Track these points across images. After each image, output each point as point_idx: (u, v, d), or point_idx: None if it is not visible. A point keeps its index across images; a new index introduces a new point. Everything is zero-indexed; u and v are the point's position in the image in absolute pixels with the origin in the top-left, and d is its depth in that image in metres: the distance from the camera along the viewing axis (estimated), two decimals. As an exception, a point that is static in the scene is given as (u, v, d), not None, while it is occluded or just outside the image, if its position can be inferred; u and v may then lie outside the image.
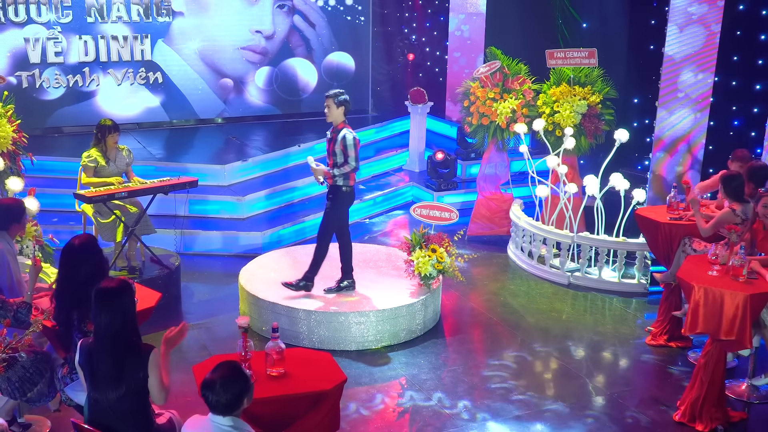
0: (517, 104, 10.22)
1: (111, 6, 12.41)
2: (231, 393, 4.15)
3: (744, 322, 6.26)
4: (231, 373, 4.20)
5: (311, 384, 4.96)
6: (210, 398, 4.16)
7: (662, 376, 7.56)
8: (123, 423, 4.61)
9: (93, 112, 12.51)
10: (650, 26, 11.35)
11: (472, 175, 12.22)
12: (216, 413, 4.18)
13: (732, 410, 6.77)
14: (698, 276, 6.52)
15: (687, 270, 6.68)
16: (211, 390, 4.15)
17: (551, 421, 6.71)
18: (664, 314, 8.11)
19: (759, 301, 6.29)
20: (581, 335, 8.27)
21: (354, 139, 7.73)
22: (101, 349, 4.58)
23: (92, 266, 5.35)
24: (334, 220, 7.99)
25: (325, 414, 4.93)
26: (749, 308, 6.23)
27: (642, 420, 6.77)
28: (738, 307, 6.23)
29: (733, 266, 6.48)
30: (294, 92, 13.90)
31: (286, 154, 11.73)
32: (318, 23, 13.91)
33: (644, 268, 9.18)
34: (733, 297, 6.24)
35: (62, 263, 5.39)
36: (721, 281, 6.44)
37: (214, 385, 4.16)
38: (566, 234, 9.41)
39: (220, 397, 4.14)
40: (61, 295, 5.34)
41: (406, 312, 7.94)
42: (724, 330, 6.29)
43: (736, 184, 7.29)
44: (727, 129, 10.51)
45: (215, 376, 4.18)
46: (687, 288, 6.49)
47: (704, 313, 6.32)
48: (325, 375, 5.11)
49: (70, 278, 5.31)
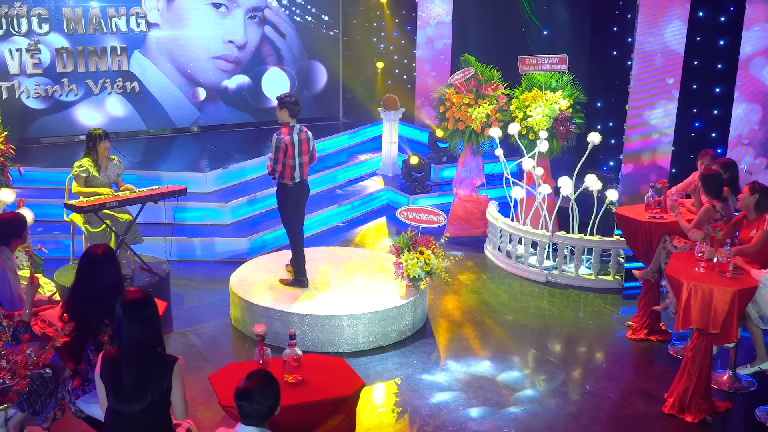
0: (491, 109, 10.11)
1: (88, 18, 12.05)
2: (271, 400, 3.97)
3: (732, 316, 6.20)
4: (267, 381, 4.01)
5: (331, 390, 4.77)
6: (247, 408, 3.95)
7: (647, 369, 7.49)
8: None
9: (71, 123, 12.19)
10: (613, 33, 11.34)
11: (444, 178, 12.11)
12: (250, 423, 3.96)
13: (717, 401, 6.71)
14: (686, 273, 6.45)
15: (674, 267, 6.61)
16: (249, 399, 3.95)
17: (546, 416, 6.59)
18: (644, 309, 8.05)
19: (746, 295, 6.24)
20: (565, 331, 8.18)
21: (278, 142, 7.72)
22: (128, 360, 4.32)
23: (112, 276, 5.09)
24: (282, 215, 8.11)
25: (343, 419, 4.74)
26: (737, 303, 6.17)
27: (632, 413, 6.68)
28: (727, 302, 6.17)
29: (719, 262, 6.42)
30: (267, 100, 13.63)
31: (262, 162, 11.46)
32: (288, 33, 13.69)
33: (618, 266, 9.12)
34: (722, 293, 6.17)
35: (83, 271, 5.10)
36: (708, 277, 6.37)
37: (253, 394, 3.95)
38: (543, 233, 9.31)
39: (260, 406, 3.95)
40: (78, 303, 5.04)
41: (396, 313, 7.76)
42: (714, 324, 6.22)
43: (715, 183, 7.28)
44: (689, 131, 10.52)
45: (252, 385, 3.98)
46: (676, 285, 6.41)
47: (695, 309, 6.25)
48: (343, 380, 4.91)
49: (89, 286, 5.04)
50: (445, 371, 7.30)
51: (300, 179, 7.91)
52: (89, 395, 5.03)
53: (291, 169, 7.80)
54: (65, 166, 10.82)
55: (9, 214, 6.24)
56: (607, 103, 11.48)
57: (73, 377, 5.16)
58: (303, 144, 7.85)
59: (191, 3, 12.75)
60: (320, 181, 11.42)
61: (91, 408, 5.02)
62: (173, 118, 12.97)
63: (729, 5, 10.11)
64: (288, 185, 7.89)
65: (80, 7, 12.04)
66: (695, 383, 6.51)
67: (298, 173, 7.85)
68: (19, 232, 5.97)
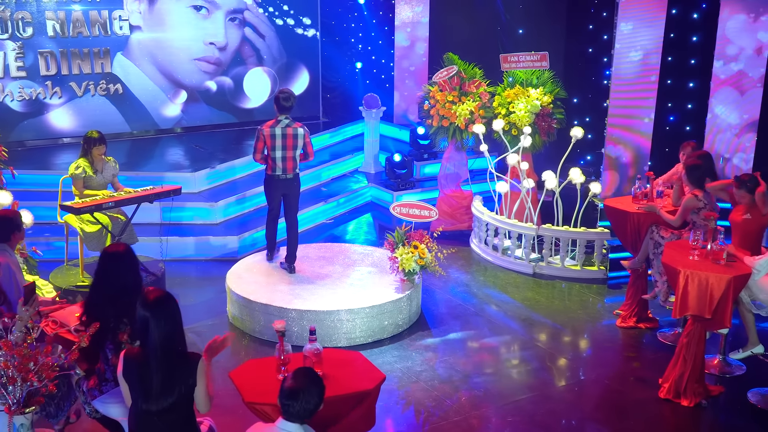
0: (474, 106, 10.04)
1: (71, 21, 11.78)
2: (317, 397, 3.87)
3: (726, 302, 6.20)
4: (312, 378, 3.92)
5: (354, 384, 4.65)
6: (294, 407, 3.86)
7: (638, 356, 7.48)
8: (172, 431, 4.23)
9: (55, 125, 11.89)
10: (588, 31, 11.34)
11: (426, 174, 12.02)
12: (294, 421, 3.86)
13: (709, 385, 6.71)
14: (682, 261, 6.43)
15: (670, 256, 6.59)
16: (296, 398, 3.86)
17: (548, 403, 6.55)
18: (632, 298, 8.04)
19: (740, 282, 6.24)
20: (556, 320, 8.14)
21: (257, 132, 7.97)
22: (154, 358, 4.17)
23: (133, 274, 4.93)
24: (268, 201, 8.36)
25: (364, 412, 4.64)
26: (732, 289, 6.16)
27: (630, 398, 6.66)
28: (722, 288, 6.16)
29: (713, 250, 6.41)
30: (248, 101, 13.44)
31: (250, 161, 11.26)
32: (268, 35, 13.50)
33: (603, 256, 9.11)
34: (718, 279, 6.16)
35: (104, 269, 4.92)
36: (704, 265, 6.36)
37: (299, 393, 3.86)
38: (530, 226, 9.27)
39: (308, 405, 3.85)
40: (98, 302, 4.85)
41: (393, 307, 7.66)
42: (710, 310, 6.21)
43: (699, 173, 7.30)
44: (664, 124, 10.55)
45: (299, 385, 3.89)
46: (673, 273, 6.38)
47: (693, 296, 6.23)
48: (364, 374, 4.80)
49: (110, 285, 4.86)
50: (444, 363, 7.22)
51: (283, 172, 7.93)
52: (106, 395, 4.86)
53: (273, 161, 7.92)
54: (50, 168, 10.62)
55: (4, 211, 6.07)
56: (583, 98, 11.48)
57: (88, 377, 4.98)
58: (287, 138, 7.85)
59: (172, 5, 12.53)
60: (305, 179, 11.22)
61: (108, 408, 4.85)
62: (156, 119, 12.73)
63: (701, 2, 10.16)
64: (270, 175, 8.03)
65: (63, 11, 11.77)
66: (690, 368, 6.51)
67: (280, 166, 7.91)
68: (18, 226, 5.83)
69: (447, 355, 7.38)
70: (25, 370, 4.15)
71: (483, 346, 7.58)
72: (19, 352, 4.17)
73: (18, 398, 4.25)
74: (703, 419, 6.41)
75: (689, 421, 6.39)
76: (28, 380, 4.18)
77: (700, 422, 6.39)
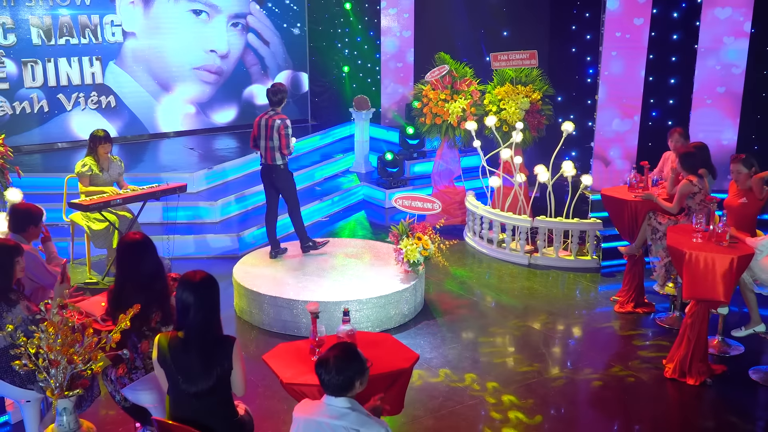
0: (466, 104, 9.96)
1: (58, 27, 11.18)
2: (344, 375, 3.68)
3: (731, 281, 6.14)
4: (347, 354, 3.72)
5: (389, 363, 4.50)
6: (323, 377, 3.68)
7: (639, 339, 7.40)
8: (211, 416, 4.04)
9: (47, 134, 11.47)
10: (571, 31, 11.31)
11: (416, 173, 11.92)
12: (335, 394, 3.67)
13: (712, 364, 6.65)
14: (687, 243, 6.36)
15: (674, 239, 6.51)
16: (325, 368, 3.68)
17: (559, 386, 6.45)
18: (629, 284, 7.98)
19: (744, 261, 6.18)
20: (554, 307, 8.05)
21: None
22: (194, 342, 4.00)
23: (155, 261, 4.75)
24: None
25: (397, 392, 4.49)
26: (736, 268, 6.11)
27: (637, 379, 6.57)
28: (727, 268, 6.10)
29: (715, 232, 6.36)
30: (248, 107, 13.11)
31: (245, 162, 11.09)
32: (272, 41, 13.14)
33: (596, 246, 9.05)
34: (723, 260, 6.10)
35: (127, 259, 4.72)
36: (708, 246, 6.30)
37: (328, 364, 3.68)
38: (525, 218, 9.19)
39: (332, 377, 3.66)
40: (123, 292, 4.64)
41: (400, 297, 7.52)
42: (716, 290, 6.15)
43: (693, 160, 7.28)
44: (647, 120, 10.53)
45: (331, 356, 3.70)
46: (678, 255, 6.31)
47: (699, 277, 6.16)
48: (397, 354, 4.66)
49: (135, 274, 4.66)
50: (453, 350, 7.09)
51: (264, 159, 8.11)
52: (137, 383, 4.65)
53: (259, 149, 8.10)
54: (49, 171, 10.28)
55: (26, 204, 5.88)
56: (568, 96, 11.43)
57: (116, 365, 4.77)
58: (267, 129, 7.97)
59: (170, 10, 11.93)
60: (299, 179, 11.07)
61: (139, 395, 4.65)
62: (149, 128, 12.31)
63: (681, 1, 10.17)
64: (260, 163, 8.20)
65: (49, 16, 11.11)
66: (694, 348, 6.44)
67: (262, 154, 8.09)
68: (36, 220, 5.64)
69: (454, 342, 7.25)
70: (69, 351, 3.95)
71: (488, 332, 7.46)
72: (65, 332, 3.96)
73: (61, 382, 4.04)
74: (709, 397, 6.34)
75: (696, 399, 6.32)
76: (72, 362, 3.97)
77: (707, 400, 6.32)
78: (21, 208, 5.79)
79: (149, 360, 4.62)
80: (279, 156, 7.97)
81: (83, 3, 11.37)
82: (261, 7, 12.86)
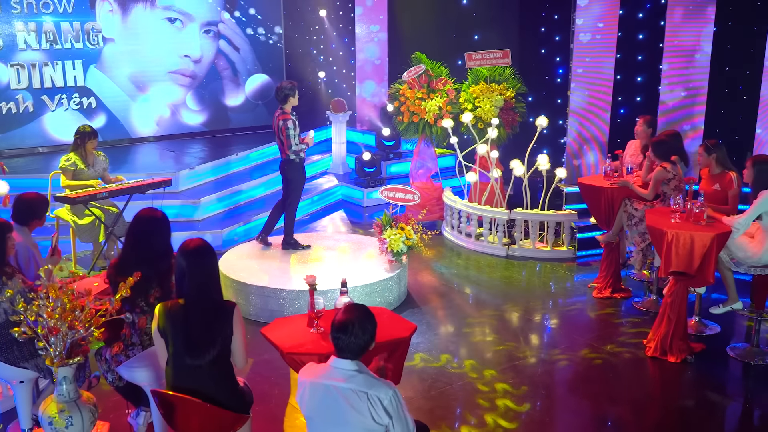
0: (442, 102, 9.90)
1: (41, 32, 11.20)
2: (369, 333, 3.51)
3: (710, 259, 6.11)
4: (366, 315, 3.55)
5: (388, 333, 4.37)
6: (344, 341, 3.46)
7: (619, 321, 7.36)
8: (214, 385, 3.88)
9: (28, 137, 11.30)
10: (541, 33, 11.33)
11: (392, 173, 11.84)
12: (345, 357, 3.50)
13: (691, 343, 6.62)
14: (666, 223, 6.33)
15: (653, 220, 6.48)
16: (346, 332, 3.46)
17: (546, 367, 6.37)
18: (606, 270, 7.94)
19: (722, 240, 6.16)
20: (534, 294, 8.00)
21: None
22: (195, 310, 3.85)
23: (167, 238, 4.58)
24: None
25: (397, 360, 4.37)
26: (715, 246, 6.08)
27: (621, 359, 6.51)
28: (705, 246, 6.07)
29: (693, 212, 6.34)
30: (222, 110, 13.04)
31: (226, 162, 10.93)
32: (242, 47, 13.11)
33: (571, 237, 9.02)
34: (701, 238, 6.08)
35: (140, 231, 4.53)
36: (686, 226, 6.27)
37: (351, 326, 3.47)
38: (502, 211, 9.13)
39: (357, 339, 3.46)
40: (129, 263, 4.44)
41: (385, 286, 7.40)
42: (694, 267, 6.12)
43: (666, 148, 7.30)
44: (615, 116, 10.56)
45: (351, 317, 3.50)
46: (658, 234, 6.28)
47: (677, 254, 6.13)
48: (395, 324, 4.54)
49: (145, 246, 4.48)
50: (439, 335, 6.98)
51: (281, 155, 8.04)
52: (132, 360, 4.46)
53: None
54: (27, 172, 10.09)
55: (31, 194, 5.58)
56: (538, 96, 11.43)
57: (111, 344, 4.58)
58: (275, 128, 7.95)
59: (147, 17, 12.03)
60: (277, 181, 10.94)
61: (134, 373, 4.47)
62: (129, 130, 12.22)
63: (646, 2, 10.23)
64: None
65: (33, 22, 11.16)
66: (674, 327, 6.40)
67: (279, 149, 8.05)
68: (40, 212, 5.40)
69: (440, 328, 7.15)
70: (70, 317, 3.76)
71: (472, 319, 7.37)
72: (68, 297, 3.77)
73: (61, 350, 3.84)
74: (690, 373, 6.30)
75: (678, 376, 6.27)
76: (74, 328, 3.78)
77: (689, 376, 6.27)
78: (25, 200, 5.48)
79: (146, 336, 4.45)
80: (290, 151, 7.91)
81: (65, 11, 11.34)
82: (231, 16, 12.85)
